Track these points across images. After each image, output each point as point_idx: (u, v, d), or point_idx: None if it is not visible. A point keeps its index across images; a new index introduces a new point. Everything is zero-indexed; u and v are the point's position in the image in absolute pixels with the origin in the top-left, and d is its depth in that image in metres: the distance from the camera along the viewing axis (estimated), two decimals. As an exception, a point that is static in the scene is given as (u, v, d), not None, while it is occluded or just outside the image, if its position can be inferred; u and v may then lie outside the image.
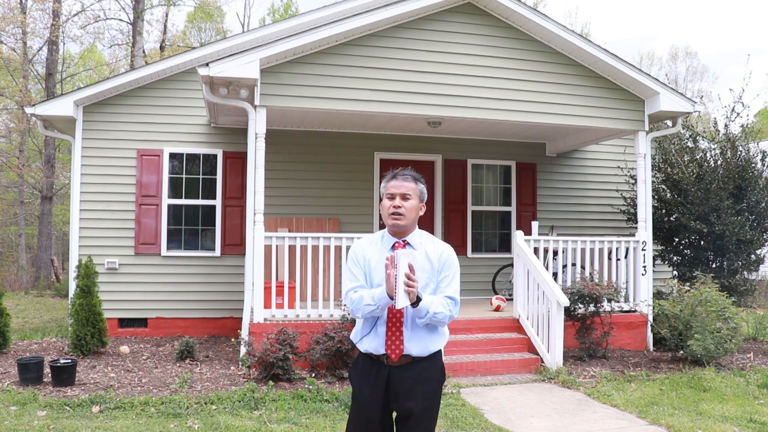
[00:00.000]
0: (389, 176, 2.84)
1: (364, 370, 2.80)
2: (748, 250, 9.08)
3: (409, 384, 2.70)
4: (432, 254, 2.79)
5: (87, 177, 8.73)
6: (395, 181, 2.80)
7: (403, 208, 2.75)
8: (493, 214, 10.21)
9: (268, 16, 30.41)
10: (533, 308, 7.21)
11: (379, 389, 2.73)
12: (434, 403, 2.76)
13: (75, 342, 7.07)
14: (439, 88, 7.29)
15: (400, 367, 2.72)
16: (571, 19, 42.41)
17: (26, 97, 19.39)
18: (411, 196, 2.77)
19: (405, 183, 2.78)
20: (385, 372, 2.74)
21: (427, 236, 2.88)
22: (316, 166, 9.30)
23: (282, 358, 5.95)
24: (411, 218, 2.78)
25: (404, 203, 2.76)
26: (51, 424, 4.68)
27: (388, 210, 2.78)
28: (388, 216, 2.78)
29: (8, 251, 25.11)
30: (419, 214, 2.83)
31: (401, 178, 2.80)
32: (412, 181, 2.81)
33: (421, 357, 2.73)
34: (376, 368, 2.76)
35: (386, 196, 2.81)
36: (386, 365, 2.74)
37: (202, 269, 9.00)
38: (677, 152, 9.33)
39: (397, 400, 2.73)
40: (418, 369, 2.73)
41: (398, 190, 2.77)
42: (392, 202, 2.77)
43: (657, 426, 4.99)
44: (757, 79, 37.08)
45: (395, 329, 2.71)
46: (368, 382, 2.77)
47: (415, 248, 2.79)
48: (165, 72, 8.95)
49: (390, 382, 2.73)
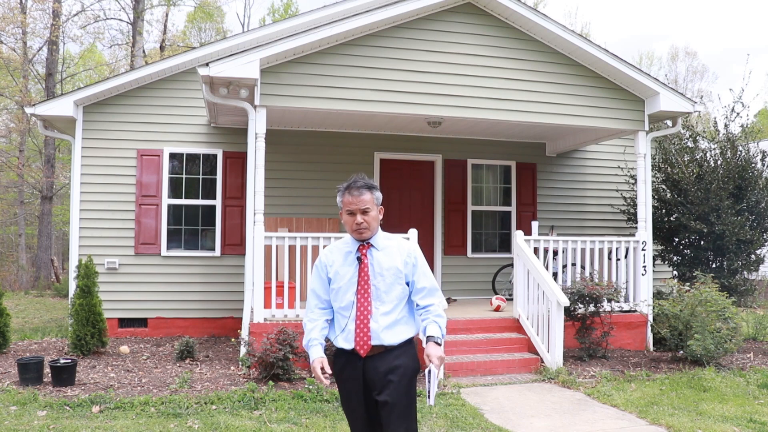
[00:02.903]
0: (343, 190, 2.95)
1: (342, 364, 2.96)
2: (748, 250, 9.08)
3: (382, 373, 2.85)
4: (397, 255, 2.95)
5: (87, 177, 8.73)
6: (350, 196, 2.91)
7: (365, 223, 2.90)
8: (493, 214, 10.21)
9: (268, 16, 30.43)
10: (533, 308, 7.21)
11: (357, 380, 2.90)
12: (410, 391, 2.88)
13: (75, 342, 7.07)
14: (439, 88, 7.29)
15: (372, 357, 2.87)
16: (571, 19, 42.41)
17: (26, 97, 19.39)
18: (370, 209, 2.91)
19: (361, 197, 2.90)
20: (360, 363, 2.89)
21: (390, 237, 3.04)
22: (316, 166, 9.30)
23: (282, 358, 5.95)
24: (373, 227, 2.94)
25: (365, 217, 2.90)
26: (51, 424, 4.68)
27: (351, 226, 2.93)
28: (352, 231, 2.95)
29: (8, 251, 25.11)
30: (380, 217, 2.99)
31: (356, 192, 2.90)
32: (367, 191, 2.92)
33: (392, 346, 2.87)
34: (352, 361, 2.91)
35: (345, 212, 2.94)
36: (360, 357, 2.89)
37: (202, 269, 9.00)
38: (677, 152, 9.33)
39: (373, 388, 2.87)
40: (390, 357, 2.87)
41: (357, 206, 2.89)
42: (354, 218, 2.90)
43: (657, 426, 4.99)
44: (757, 79, 37.11)
45: (363, 326, 2.86)
46: (346, 374, 2.94)
47: (379, 249, 2.95)
48: (165, 72, 8.95)
49: (365, 372, 2.89)
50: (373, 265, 2.92)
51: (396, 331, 2.89)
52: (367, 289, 2.88)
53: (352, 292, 2.90)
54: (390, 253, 2.95)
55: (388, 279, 2.90)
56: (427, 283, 2.96)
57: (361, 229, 2.91)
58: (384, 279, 2.90)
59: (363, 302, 2.88)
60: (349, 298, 2.90)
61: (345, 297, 2.91)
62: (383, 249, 2.96)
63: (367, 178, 3.00)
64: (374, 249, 2.95)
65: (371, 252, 2.95)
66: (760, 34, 49.01)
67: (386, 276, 2.90)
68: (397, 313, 2.91)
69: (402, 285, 2.93)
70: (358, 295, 2.88)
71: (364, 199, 2.90)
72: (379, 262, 2.92)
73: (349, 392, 2.94)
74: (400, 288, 2.93)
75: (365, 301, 2.87)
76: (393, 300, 2.90)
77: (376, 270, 2.91)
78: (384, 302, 2.89)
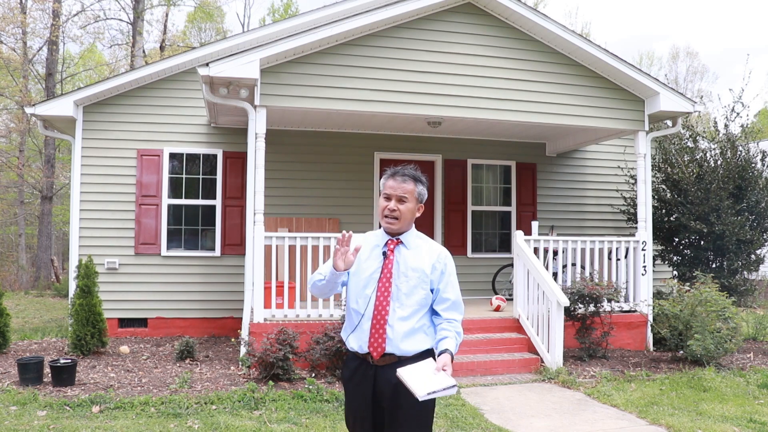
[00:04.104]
0: (389, 173, 2.77)
1: (352, 369, 2.79)
2: (748, 250, 9.09)
3: (394, 384, 2.62)
4: (426, 257, 2.74)
5: (87, 177, 8.73)
6: (393, 181, 2.72)
7: (398, 212, 2.70)
8: (493, 214, 10.21)
9: (268, 16, 30.42)
10: (533, 308, 7.21)
11: (368, 388, 2.72)
12: (421, 406, 2.61)
13: (75, 342, 7.07)
14: (439, 88, 7.29)
15: (385, 366, 2.68)
16: (571, 19, 42.43)
17: (26, 97, 19.38)
18: (407, 199, 2.70)
19: (403, 184, 2.71)
20: (371, 372, 2.71)
21: (423, 238, 2.83)
22: (316, 166, 9.30)
23: (282, 358, 5.95)
24: (406, 221, 2.72)
25: (400, 206, 2.70)
26: (51, 424, 4.68)
27: (383, 211, 2.72)
28: (382, 217, 2.74)
29: (8, 251, 25.10)
30: (416, 215, 2.77)
31: (400, 178, 2.72)
32: (411, 181, 2.73)
33: (406, 357, 2.67)
34: (363, 368, 2.73)
35: (383, 196, 2.74)
36: (372, 365, 2.71)
37: (202, 269, 9.00)
38: (677, 152, 9.33)
39: (383, 399, 2.70)
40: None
41: (395, 192, 2.70)
42: (388, 203, 2.70)
43: (657, 426, 4.99)
44: (757, 78, 37.12)
45: (379, 327, 2.66)
46: (356, 381, 2.76)
47: (408, 248, 2.75)
48: (165, 72, 8.95)
49: (376, 381, 2.70)
50: (399, 263, 2.70)
51: (413, 341, 2.68)
52: (387, 287, 2.67)
53: (372, 289, 2.68)
54: (419, 253, 2.74)
55: (412, 281, 2.68)
56: (453, 295, 2.74)
57: (391, 218, 2.69)
58: (408, 280, 2.68)
59: (381, 301, 2.66)
60: (367, 294, 2.69)
61: (363, 292, 2.71)
62: (413, 248, 2.74)
63: (418, 171, 2.80)
64: (403, 246, 2.74)
65: (399, 249, 2.73)
66: (760, 34, 49.05)
67: (411, 277, 2.68)
68: (416, 320, 2.69)
69: (426, 291, 2.70)
70: (377, 293, 2.67)
71: (405, 187, 2.69)
72: (405, 260, 2.70)
73: (358, 400, 2.76)
74: (423, 293, 2.70)
75: (384, 300, 2.66)
76: (413, 305, 2.68)
77: (401, 269, 2.70)
78: (403, 305, 2.67)
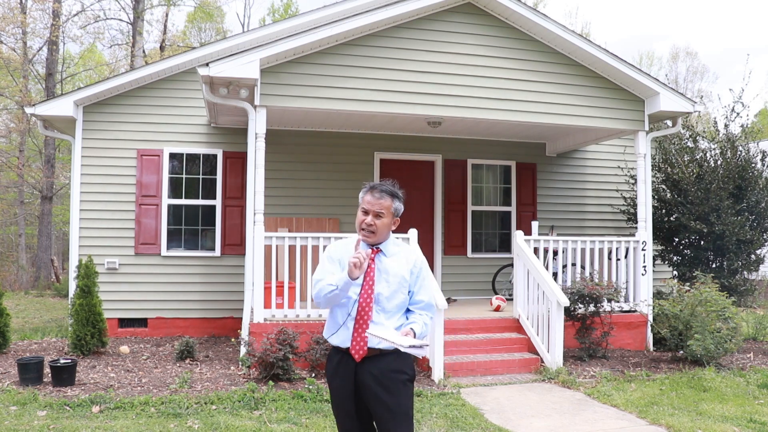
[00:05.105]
0: (367, 188, 2.94)
1: (335, 363, 2.91)
2: (748, 250, 9.09)
3: (374, 376, 2.79)
4: (405, 263, 2.94)
5: (87, 177, 8.73)
6: (371, 196, 2.89)
7: (374, 226, 2.88)
8: (493, 214, 10.21)
9: (268, 16, 30.43)
10: (533, 308, 7.21)
11: (349, 381, 2.85)
12: (402, 397, 2.81)
13: (75, 342, 7.07)
14: (439, 88, 7.29)
15: (366, 359, 2.82)
16: (571, 19, 42.43)
17: (26, 97, 19.38)
18: (384, 214, 2.88)
19: (380, 200, 2.88)
20: (352, 364, 2.84)
21: (399, 245, 3.01)
22: (316, 166, 9.30)
23: (282, 358, 5.95)
24: (382, 234, 2.91)
25: (376, 221, 2.88)
26: (51, 424, 4.68)
27: (360, 224, 2.91)
28: (359, 229, 2.93)
29: (8, 251, 25.10)
30: (392, 229, 2.96)
31: (378, 194, 2.89)
32: (389, 197, 2.90)
33: (388, 350, 2.80)
34: (345, 361, 2.86)
35: (361, 209, 2.92)
36: (353, 359, 2.84)
37: (202, 269, 9.00)
38: (677, 152, 9.33)
39: (364, 392, 2.83)
40: (384, 362, 2.82)
41: (372, 208, 2.88)
42: (365, 218, 2.89)
43: (657, 426, 4.99)
44: (757, 78, 37.10)
45: (361, 330, 2.81)
46: (339, 374, 2.89)
47: (387, 255, 2.93)
48: (165, 72, 8.95)
49: (357, 374, 2.83)
50: (380, 270, 2.89)
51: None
52: (370, 294, 2.85)
53: (355, 292, 2.85)
54: (398, 260, 2.94)
55: (393, 286, 2.88)
56: (426, 297, 2.96)
57: (368, 231, 2.88)
58: (389, 285, 2.88)
59: (364, 306, 2.84)
60: (351, 296, 2.86)
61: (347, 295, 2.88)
62: (391, 255, 2.94)
63: (396, 187, 2.97)
64: (383, 255, 2.93)
65: (379, 257, 2.92)
66: (760, 34, 49.04)
67: (392, 282, 2.88)
68: (396, 320, 2.89)
69: (405, 294, 2.92)
70: (360, 298, 2.85)
71: (382, 203, 2.88)
72: (386, 268, 2.90)
73: (341, 393, 2.89)
74: (403, 297, 2.91)
75: (367, 305, 2.84)
76: (394, 308, 2.88)
77: (383, 276, 2.89)
78: (385, 310, 2.86)
